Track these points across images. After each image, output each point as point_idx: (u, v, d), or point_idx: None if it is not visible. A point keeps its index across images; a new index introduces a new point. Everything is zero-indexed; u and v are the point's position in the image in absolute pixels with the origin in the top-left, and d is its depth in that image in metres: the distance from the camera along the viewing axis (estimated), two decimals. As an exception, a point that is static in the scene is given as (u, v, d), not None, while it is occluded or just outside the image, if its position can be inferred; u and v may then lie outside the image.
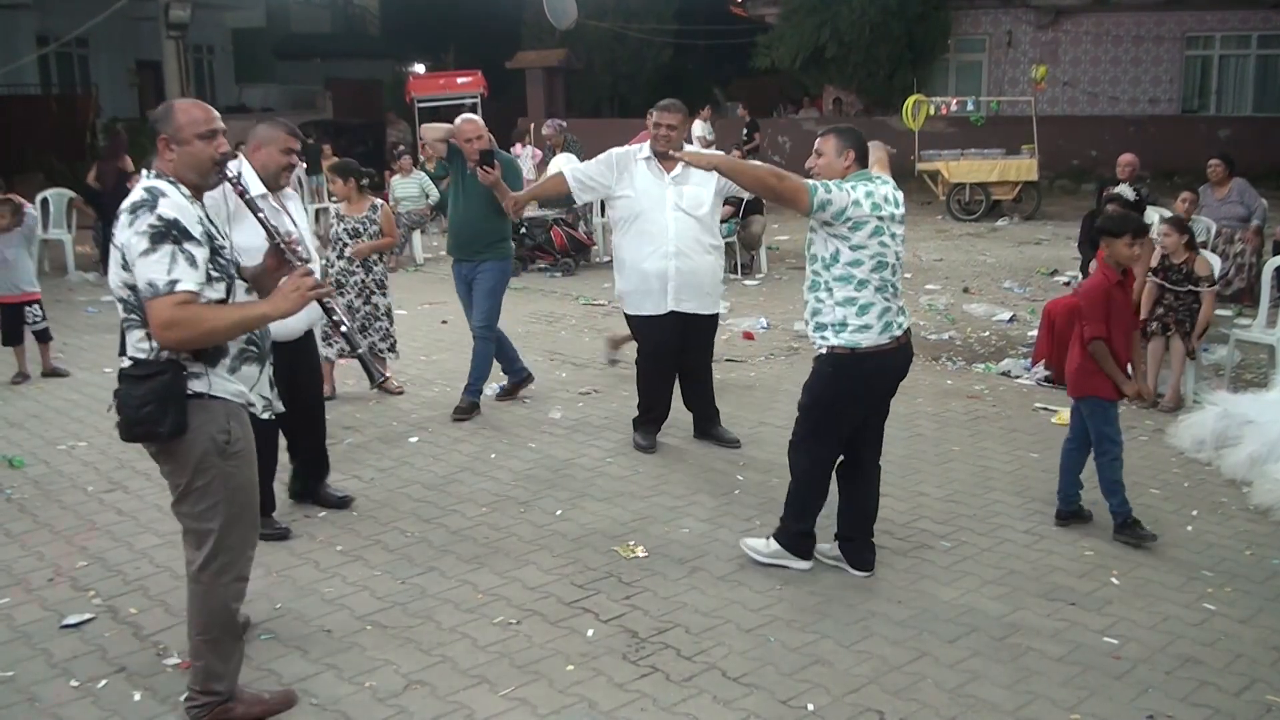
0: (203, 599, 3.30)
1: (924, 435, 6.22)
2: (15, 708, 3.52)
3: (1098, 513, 4.92)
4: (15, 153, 16.65)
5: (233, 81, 26.89)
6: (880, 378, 4.34)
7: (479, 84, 18.44)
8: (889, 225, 4.21)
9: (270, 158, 4.53)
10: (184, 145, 3.21)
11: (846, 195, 4.10)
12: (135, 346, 3.19)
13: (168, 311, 3.03)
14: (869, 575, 4.42)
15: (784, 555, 4.46)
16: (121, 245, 3.11)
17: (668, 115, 5.66)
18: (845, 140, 4.26)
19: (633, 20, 24.13)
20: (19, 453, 6.05)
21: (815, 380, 4.36)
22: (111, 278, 3.19)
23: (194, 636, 3.34)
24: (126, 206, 3.14)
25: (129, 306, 3.16)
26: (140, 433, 3.14)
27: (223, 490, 3.24)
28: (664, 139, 5.64)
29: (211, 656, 3.33)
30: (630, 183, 5.75)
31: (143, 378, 3.13)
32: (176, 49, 16.03)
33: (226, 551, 3.28)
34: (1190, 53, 20.83)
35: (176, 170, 3.22)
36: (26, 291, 7.72)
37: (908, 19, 20.58)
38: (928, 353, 8.24)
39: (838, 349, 4.23)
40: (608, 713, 3.46)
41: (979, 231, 14.98)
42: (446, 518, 5.05)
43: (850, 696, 3.54)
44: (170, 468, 3.25)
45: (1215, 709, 3.48)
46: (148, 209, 3.09)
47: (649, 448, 5.97)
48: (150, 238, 3.05)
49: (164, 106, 3.35)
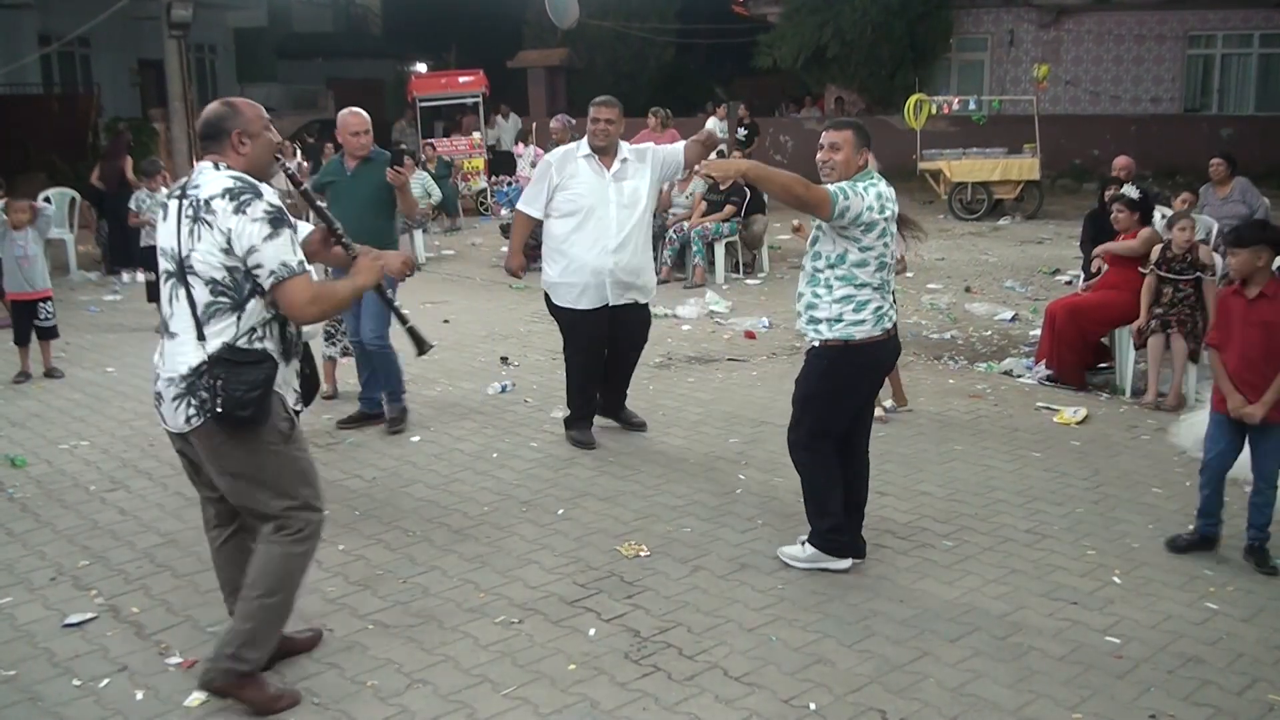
0: (279, 560, 3.41)
1: (926, 434, 6.21)
2: (17, 707, 3.53)
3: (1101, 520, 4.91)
4: (17, 152, 16.65)
5: (234, 81, 26.87)
6: (873, 369, 4.41)
7: (481, 83, 18.43)
8: (890, 225, 4.25)
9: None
10: (255, 138, 3.39)
11: (861, 199, 4.12)
12: (225, 331, 3.27)
13: (309, 289, 3.30)
14: (860, 562, 4.46)
15: (821, 558, 4.43)
16: (228, 229, 3.22)
17: (604, 110, 5.81)
18: (862, 138, 4.29)
19: (634, 19, 24.12)
20: (21, 452, 6.06)
21: (809, 374, 4.40)
22: (203, 260, 3.25)
23: (253, 598, 3.40)
24: (220, 192, 3.25)
25: (220, 289, 3.26)
26: (240, 416, 3.25)
27: (293, 472, 3.42)
28: (602, 133, 5.78)
29: (262, 620, 3.41)
30: (572, 180, 5.83)
31: (247, 364, 3.27)
32: (178, 48, 15.98)
33: (303, 523, 3.44)
34: (1192, 52, 20.80)
35: (250, 163, 3.39)
36: (42, 288, 7.76)
37: (909, 18, 20.56)
38: (930, 352, 8.24)
39: (831, 342, 4.27)
40: (609, 712, 3.46)
41: (981, 230, 14.97)
42: (448, 517, 5.05)
43: (852, 695, 3.54)
44: (240, 454, 3.34)
45: (1217, 708, 3.47)
46: (254, 195, 3.26)
47: (590, 443, 6.00)
48: (270, 223, 3.23)
49: (224, 105, 3.44)
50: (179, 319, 3.33)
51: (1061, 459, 5.77)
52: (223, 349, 3.27)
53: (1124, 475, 5.52)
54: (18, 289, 7.72)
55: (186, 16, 15.36)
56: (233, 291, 3.27)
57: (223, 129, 3.37)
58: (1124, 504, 5.12)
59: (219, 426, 3.28)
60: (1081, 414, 6.46)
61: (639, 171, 5.86)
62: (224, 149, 3.37)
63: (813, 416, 4.40)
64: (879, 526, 4.88)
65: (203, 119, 3.43)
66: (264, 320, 3.33)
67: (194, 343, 3.29)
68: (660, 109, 14.45)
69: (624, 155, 5.87)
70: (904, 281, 11.00)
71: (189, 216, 3.28)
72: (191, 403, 3.29)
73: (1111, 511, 5.05)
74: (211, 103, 3.50)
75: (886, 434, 6.15)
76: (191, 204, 3.28)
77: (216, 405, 3.24)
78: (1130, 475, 5.51)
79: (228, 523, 3.64)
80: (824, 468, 4.44)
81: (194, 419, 3.30)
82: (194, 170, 3.41)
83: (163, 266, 3.39)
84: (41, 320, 7.72)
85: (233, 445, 3.32)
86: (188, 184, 3.37)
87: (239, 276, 3.27)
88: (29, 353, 7.73)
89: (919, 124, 16.06)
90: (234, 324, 3.27)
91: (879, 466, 5.61)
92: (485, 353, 8.11)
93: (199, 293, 3.27)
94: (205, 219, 3.24)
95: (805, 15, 21.14)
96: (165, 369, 3.37)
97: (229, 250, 3.23)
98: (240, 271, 3.27)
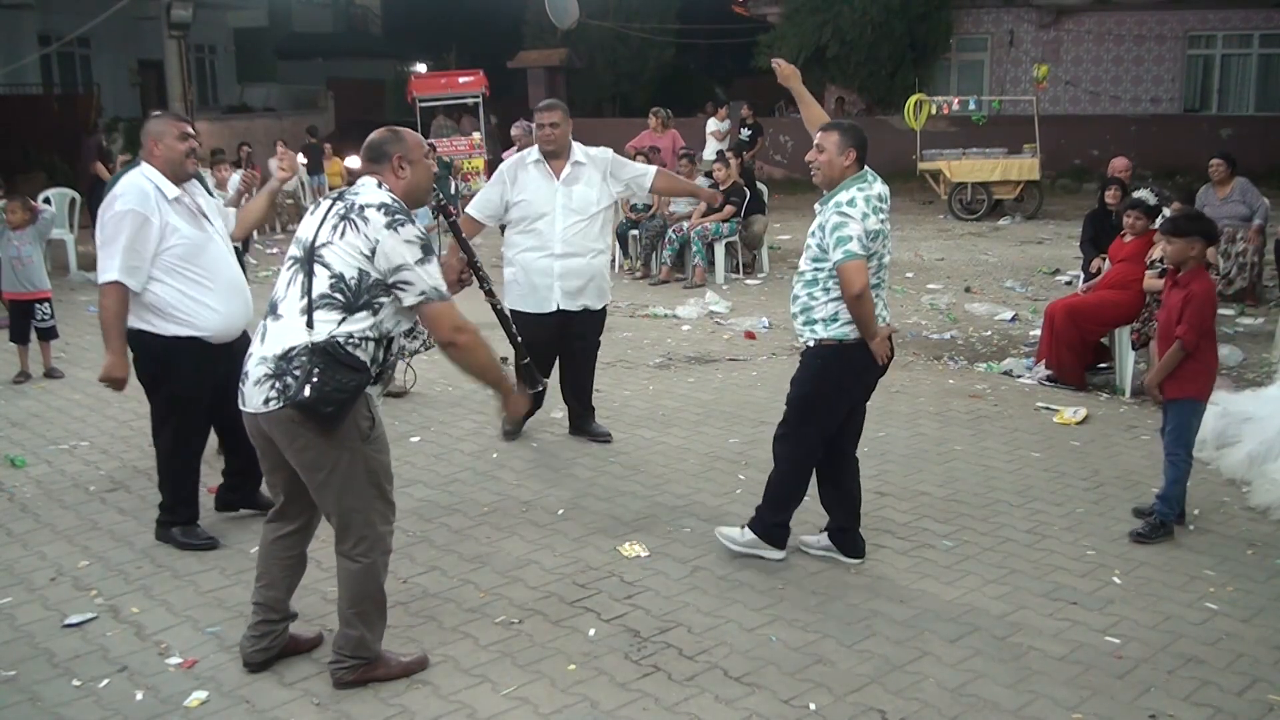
0: (354, 576, 3.49)
1: (926, 435, 6.21)
2: (17, 707, 3.53)
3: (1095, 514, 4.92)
4: (17, 152, 16.66)
5: (234, 81, 26.89)
6: (867, 371, 4.39)
7: (480, 83, 18.42)
8: (886, 226, 4.28)
9: (171, 150, 4.48)
10: (415, 164, 3.53)
11: (860, 224, 4.14)
12: (333, 324, 3.29)
13: (458, 317, 3.42)
14: (861, 562, 4.48)
15: (759, 545, 4.50)
16: (377, 240, 3.29)
17: (548, 115, 5.81)
18: (848, 139, 4.26)
19: (634, 19, 24.09)
20: (21, 452, 6.05)
21: (804, 373, 4.43)
22: (338, 254, 3.30)
23: (345, 610, 3.52)
24: (376, 204, 3.33)
25: (339, 285, 3.30)
26: (323, 411, 3.28)
27: (364, 472, 3.43)
28: (547, 138, 5.78)
29: (362, 627, 3.53)
30: (523, 187, 5.85)
31: (346, 366, 3.30)
32: (178, 49, 16.02)
33: (371, 528, 3.48)
34: (1192, 52, 20.79)
35: (408, 188, 3.51)
36: (38, 289, 7.75)
37: (909, 18, 20.55)
38: (930, 352, 8.24)
39: (826, 342, 4.30)
40: (609, 712, 3.46)
41: (981, 231, 14.97)
42: (448, 517, 5.05)
43: (852, 696, 3.54)
44: (316, 445, 3.35)
45: (1217, 708, 3.47)
46: (407, 219, 3.36)
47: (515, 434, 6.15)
48: (422, 249, 3.33)
49: (389, 131, 3.57)
50: (289, 302, 3.37)
51: (1061, 459, 5.77)
52: (328, 341, 3.30)
53: (1124, 475, 5.52)
54: (14, 289, 7.70)
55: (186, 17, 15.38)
56: (350, 294, 3.31)
57: (385, 152, 3.49)
58: (1124, 504, 5.12)
59: (298, 412, 3.29)
60: (1081, 414, 6.46)
61: (590, 177, 5.84)
62: (384, 170, 3.49)
63: (803, 416, 4.42)
64: (879, 526, 4.88)
65: (368, 141, 3.55)
66: (366, 336, 3.35)
67: (300, 328, 3.32)
68: (660, 109, 14.47)
69: (576, 159, 5.85)
70: (904, 281, 11.03)
71: (339, 214, 3.35)
72: (276, 385, 3.31)
73: (1111, 512, 5.05)
74: (380, 128, 3.63)
75: (886, 434, 6.15)
76: (347, 205, 3.37)
77: (304, 391, 3.25)
78: (1130, 475, 5.51)
79: (288, 521, 3.66)
80: (801, 467, 4.48)
81: (272, 402, 3.33)
82: (357, 182, 3.51)
83: (291, 253, 3.46)
84: (39, 321, 7.71)
85: (311, 435, 3.34)
86: (348, 189, 3.49)
87: (366, 284, 3.31)
88: (28, 353, 7.73)
89: (919, 124, 16.05)
90: (338, 323, 3.31)
91: (879, 466, 5.63)
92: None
93: (319, 281, 3.32)
94: (355, 220, 3.32)
95: (805, 15, 21.14)
96: (262, 348, 3.40)
97: (370, 257, 3.29)
98: (370, 280, 3.31)
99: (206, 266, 4.51)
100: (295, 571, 3.72)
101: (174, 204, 4.47)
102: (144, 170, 4.48)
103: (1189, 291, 4.73)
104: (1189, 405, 4.80)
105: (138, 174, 4.48)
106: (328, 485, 3.41)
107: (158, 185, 4.44)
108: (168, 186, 4.46)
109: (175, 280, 4.46)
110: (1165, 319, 4.86)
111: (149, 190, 4.41)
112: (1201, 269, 4.81)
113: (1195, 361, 4.73)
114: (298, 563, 3.72)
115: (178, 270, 4.45)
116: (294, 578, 3.73)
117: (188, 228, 4.48)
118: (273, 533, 3.68)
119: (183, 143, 4.49)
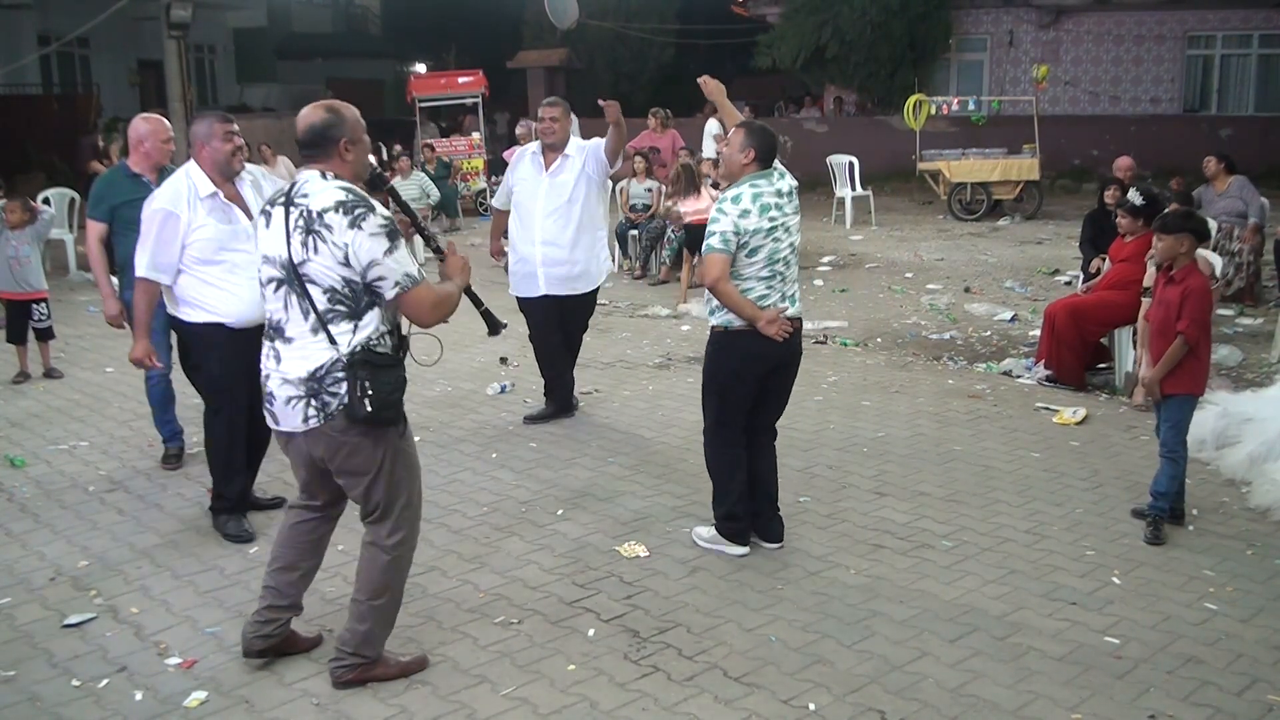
0: (382, 568, 3.51)
1: (925, 435, 6.21)
2: (17, 707, 3.53)
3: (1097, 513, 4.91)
4: (17, 152, 16.66)
5: (234, 81, 26.87)
6: (754, 360, 4.47)
7: (480, 84, 18.42)
8: (781, 223, 4.39)
9: (218, 152, 4.62)
10: (358, 144, 3.39)
11: (731, 221, 4.31)
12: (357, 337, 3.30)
13: (432, 294, 3.36)
14: (780, 546, 4.62)
15: (718, 540, 4.66)
16: (345, 244, 3.21)
17: (548, 109, 6.15)
18: (751, 139, 4.42)
19: (634, 20, 24.10)
20: (20, 452, 6.05)
21: (705, 358, 4.66)
22: (321, 271, 3.26)
23: (362, 602, 3.52)
24: (332, 205, 3.23)
25: (338, 298, 3.29)
26: (387, 415, 3.34)
27: (405, 468, 3.50)
28: (547, 130, 6.11)
29: (376, 621, 3.54)
30: (520, 177, 6.25)
31: (386, 365, 3.33)
32: (178, 49, 15.99)
33: (409, 523, 3.54)
34: (1191, 52, 20.78)
35: (354, 169, 3.40)
36: (35, 289, 7.74)
37: (909, 18, 20.54)
38: (929, 352, 8.24)
39: (715, 328, 4.55)
40: (609, 712, 3.46)
41: (980, 231, 14.97)
42: (448, 517, 5.05)
43: (851, 696, 3.54)
44: (369, 452, 3.39)
45: (1217, 709, 3.47)
46: (367, 208, 3.25)
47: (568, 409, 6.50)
48: (388, 236, 3.25)
49: (329, 112, 3.35)
50: (295, 324, 3.34)
51: (1061, 459, 5.77)
52: (360, 351, 3.29)
53: (1123, 475, 5.51)
54: (11, 289, 7.69)
55: (186, 17, 15.37)
56: (350, 301, 3.30)
57: (329, 137, 3.32)
58: (1123, 504, 5.12)
59: (357, 426, 3.31)
60: (1081, 414, 6.46)
61: (572, 166, 6.14)
62: (330, 158, 3.33)
63: (711, 403, 4.61)
64: (879, 527, 4.88)
65: (306, 126, 3.33)
66: (383, 332, 3.36)
67: (322, 346, 3.31)
68: (660, 109, 14.45)
69: (567, 152, 6.16)
70: (904, 281, 11.03)
71: (300, 228, 3.26)
72: (313, 404, 3.32)
73: (1111, 512, 5.05)
74: (309, 107, 3.40)
75: (886, 434, 6.15)
76: (302, 215, 3.26)
77: (365, 405, 3.27)
78: (1130, 475, 5.51)
79: (312, 510, 3.67)
80: (723, 458, 4.63)
81: (312, 420, 3.34)
82: (299, 178, 3.36)
83: (268, 274, 3.38)
84: (36, 321, 7.71)
85: (367, 443, 3.36)
86: (293, 192, 3.32)
87: (357, 289, 3.29)
88: (27, 353, 7.72)
89: (918, 124, 16.05)
90: (354, 331, 3.31)
91: (879, 466, 5.63)
92: (485, 353, 8.10)
93: (317, 298, 3.30)
94: (320, 231, 3.23)
95: (805, 15, 21.13)
96: (280, 369, 3.38)
97: (347, 264, 3.25)
98: (358, 284, 3.29)
99: (232, 256, 4.65)
100: (312, 555, 3.70)
101: (206, 200, 4.63)
102: (187, 168, 4.70)
103: (1186, 286, 4.75)
104: (1186, 400, 4.83)
105: (181, 172, 4.71)
106: (376, 484, 3.44)
107: (194, 183, 4.64)
108: (204, 184, 4.63)
109: (200, 270, 4.65)
110: (1162, 316, 4.86)
111: (183, 189, 4.63)
112: (1194, 265, 4.85)
113: (1192, 356, 4.76)
114: (317, 546, 3.71)
115: (203, 260, 4.64)
116: (310, 560, 3.70)
117: (216, 223, 4.63)
118: (294, 518, 3.69)
119: (227, 143, 4.65)
